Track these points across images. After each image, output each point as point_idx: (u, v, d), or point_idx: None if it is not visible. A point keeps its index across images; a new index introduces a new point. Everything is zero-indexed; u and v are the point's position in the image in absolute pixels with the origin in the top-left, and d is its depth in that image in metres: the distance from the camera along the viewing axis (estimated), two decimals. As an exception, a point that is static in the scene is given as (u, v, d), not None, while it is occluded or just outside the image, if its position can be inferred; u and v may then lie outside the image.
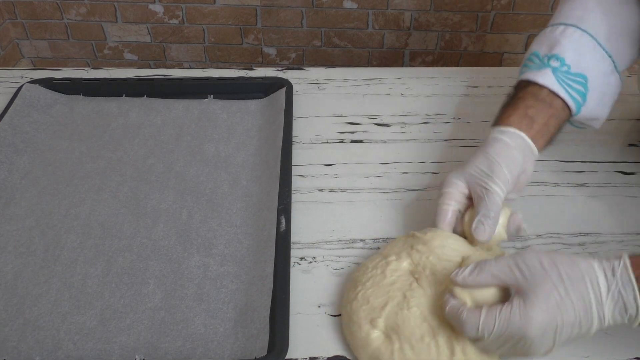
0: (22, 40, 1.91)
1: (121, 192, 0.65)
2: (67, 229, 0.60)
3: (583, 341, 0.44)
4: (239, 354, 0.49)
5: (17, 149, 0.69)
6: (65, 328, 0.51)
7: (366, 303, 0.49)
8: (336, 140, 0.74)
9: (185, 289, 0.54)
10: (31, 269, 0.56)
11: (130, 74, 0.85)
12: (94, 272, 0.56)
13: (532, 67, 0.58)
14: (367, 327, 0.48)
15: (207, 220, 0.61)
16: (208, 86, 0.80)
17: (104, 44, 1.90)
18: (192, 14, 1.80)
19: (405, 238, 0.55)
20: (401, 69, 0.89)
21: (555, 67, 0.56)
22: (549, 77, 0.56)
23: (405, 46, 1.84)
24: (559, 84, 0.56)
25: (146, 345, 0.50)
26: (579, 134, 0.75)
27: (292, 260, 0.57)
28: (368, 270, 0.52)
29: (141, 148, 0.71)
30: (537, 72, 0.57)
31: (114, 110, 0.77)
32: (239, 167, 0.68)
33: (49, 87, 0.78)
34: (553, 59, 0.57)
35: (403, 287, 0.50)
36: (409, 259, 0.52)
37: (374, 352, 0.47)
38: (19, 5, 1.82)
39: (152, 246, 0.58)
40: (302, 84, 0.84)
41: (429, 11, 1.75)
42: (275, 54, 1.89)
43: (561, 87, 0.56)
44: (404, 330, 0.47)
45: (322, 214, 0.63)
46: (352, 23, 1.79)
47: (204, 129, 0.74)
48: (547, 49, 0.58)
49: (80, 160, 0.69)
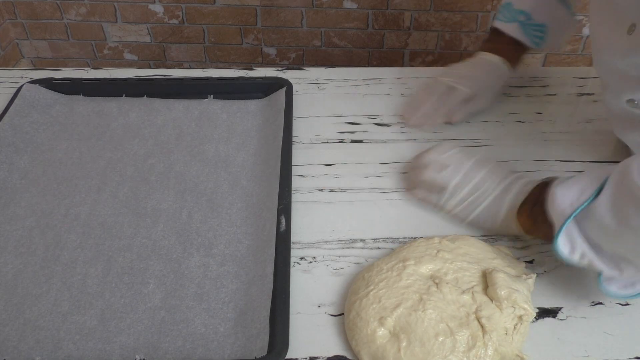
0: (22, 40, 1.91)
1: (121, 192, 0.65)
2: (67, 229, 0.60)
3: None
4: (239, 354, 0.49)
5: (17, 149, 0.69)
6: (66, 328, 0.51)
7: (377, 302, 0.49)
8: (336, 140, 0.74)
9: (185, 288, 0.54)
10: (31, 269, 0.56)
11: (130, 74, 0.85)
12: (94, 272, 0.56)
13: (503, 19, 0.77)
14: (375, 325, 0.48)
15: (207, 220, 0.61)
16: (208, 86, 0.80)
17: (104, 44, 1.90)
18: (192, 14, 1.80)
19: (428, 242, 0.55)
20: (401, 69, 0.89)
21: (522, 20, 0.75)
22: (517, 29, 0.76)
23: (405, 46, 1.84)
24: (523, 34, 0.76)
25: (146, 345, 0.50)
26: (579, 134, 0.75)
27: (292, 260, 0.57)
28: (383, 271, 0.52)
29: (141, 148, 0.71)
30: (508, 25, 0.76)
31: (114, 110, 0.77)
32: (239, 167, 0.68)
33: (49, 87, 0.78)
34: (520, 14, 0.75)
35: (420, 290, 0.50)
36: (430, 265, 0.52)
37: (378, 349, 0.47)
38: (19, 5, 1.81)
39: (152, 246, 0.58)
40: (302, 84, 0.84)
41: (429, 11, 1.75)
42: (275, 54, 1.89)
43: (525, 36, 0.76)
44: (415, 329, 0.47)
45: (322, 214, 0.63)
46: (352, 23, 1.79)
47: (204, 129, 0.74)
48: (518, 3, 0.76)
49: (80, 160, 0.69)
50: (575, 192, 0.49)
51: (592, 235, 0.48)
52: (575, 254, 0.48)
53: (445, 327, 0.47)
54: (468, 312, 0.48)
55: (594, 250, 0.48)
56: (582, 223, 0.48)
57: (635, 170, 0.43)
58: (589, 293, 0.55)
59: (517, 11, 0.75)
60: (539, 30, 0.76)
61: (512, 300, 0.48)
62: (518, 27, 0.76)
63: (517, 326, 0.48)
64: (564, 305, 0.53)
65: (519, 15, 0.75)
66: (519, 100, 0.82)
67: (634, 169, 0.43)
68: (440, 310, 0.48)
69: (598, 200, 0.46)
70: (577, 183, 0.49)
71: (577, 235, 0.48)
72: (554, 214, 0.50)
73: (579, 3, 0.79)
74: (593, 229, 0.48)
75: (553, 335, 0.51)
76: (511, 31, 0.76)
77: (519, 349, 0.48)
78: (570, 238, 0.48)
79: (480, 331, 0.47)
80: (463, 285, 0.50)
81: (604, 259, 0.48)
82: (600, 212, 0.46)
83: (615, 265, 0.48)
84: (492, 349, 0.47)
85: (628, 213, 0.44)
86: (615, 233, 0.46)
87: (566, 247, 0.49)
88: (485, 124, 0.77)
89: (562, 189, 0.50)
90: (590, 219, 0.47)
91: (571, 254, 0.49)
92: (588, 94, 0.83)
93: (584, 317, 0.53)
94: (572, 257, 0.49)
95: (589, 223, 0.48)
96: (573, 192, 0.49)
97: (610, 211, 0.45)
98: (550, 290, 0.55)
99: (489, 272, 0.51)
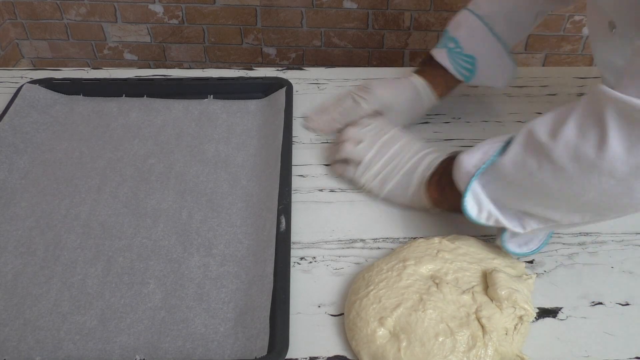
0: (22, 40, 1.91)
1: (121, 192, 0.65)
2: (67, 229, 0.60)
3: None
4: (239, 354, 0.49)
5: (17, 149, 0.69)
6: (66, 328, 0.51)
7: (377, 302, 0.49)
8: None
9: (185, 288, 0.54)
10: (31, 269, 0.56)
11: (130, 74, 0.85)
12: (94, 272, 0.56)
13: (438, 45, 0.74)
14: (375, 325, 0.48)
15: (207, 220, 0.61)
16: (208, 86, 0.80)
17: (104, 44, 1.90)
18: (192, 14, 1.80)
19: (428, 242, 0.55)
20: (401, 69, 0.89)
21: (451, 47, 0.72)
22: (443, 55, 0.72)
23: (405, 46, 1.84)
24: (449, 62, 0.71)
25: (146, 345, 0.50)
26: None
27: (292, 260, 0.57)
28: (383, 271, 0.52)
29: (141, 148, 0.71)
30: (438, 51, 0.73)
31: (114, 111, 0.77)
32: (239, 167, 0.68)
33: (49, 87, 0.78)
34: (451, 41, 0.72)
35: (420, 290, 0.50)
36: (430, 265, 0.52)
37: (378, 349, 0.47)
38: (19, 5, 1.81)
39: (152, 246, 0.58)
40: (302, 84, 0.84)
41: (429, 11, 1.75)
42: (275, 54, 1.89)
43: (450, 64, 0.71)
44: (415, 329, 0.47)
45: (322, 214, 0.63)
46: (352, 23, 1.79)
47: (204, 129, 0.74)
48: (452, 30, 0.73)
49: (80, 161, 0.69)
50: (478, 154, 0.52)
51: (497, 193, 0.51)
52: (483, 213, 0.51)
53: (446, 327, 0.47)
54: (468, 312, 0.48)
55: (500, 209, 0.51)
56: (487, 184, 0.51)
57: (540, 129, 0.46)
58: (589, 293, 0.55)
59: (449, 38, 0.72)
60: (467, 62, 0.71)
61: (513, 301, 0.48)
62: (446, 53, 0.72)
63: (518, 326, 0.48)
64: (564, 305, 0.53)
65: (449, 42, 0.72)
66: (519, 100, 0.82)
67: (539, 128, 0.46)
68: (441, 310, 0.48)
69: (502, 159, 0.49)
70: (480, 147, 0.52)
71: (483, 196, 0.51)
72: (459, 178, 0.53)
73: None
74: (498, 187, 0.51)
75: (553, 335, 0.51)
76: (439, 57, 0.72)
77: (519, 349, 0.48)
78: (477, 199, 0.51)
79: (481, 331, 0.47)
80: (463, 286, 0.50)
81: (507, 216, 0.51)
82: (504, 169, 0.49)
83: (520, 222, 0.51)
84: (492, 349, 0.47)
85: (531, 168, 0.47)
86: (518, 188, 0.49)
87: (474, 209, 0.52)
88: (485, 123, 0.77)
89: (466, 154, 0.52)
90: (495, 178, 0.50)
91: (479, 215, 0.52)
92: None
93: (584, 317, 0.53)
94: (480, 217, 0.52)
95: (494, 182, 0.51)
96: (477, 155, 0.52)
97: (514, 167, 0.48)
98: (550, 290, 0.55)
99: (489, 272, 0.51)
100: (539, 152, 0.46)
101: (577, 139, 0.43)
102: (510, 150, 0.49)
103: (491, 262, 0.53)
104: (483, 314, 0.48)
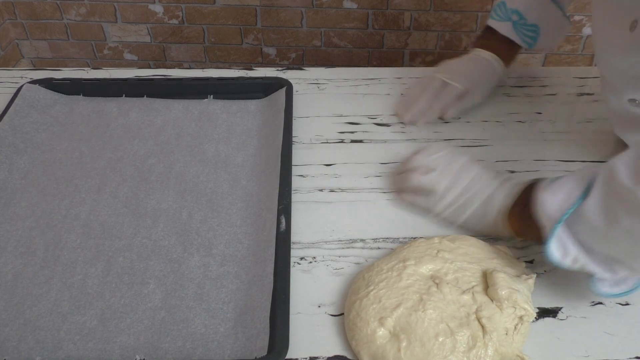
0: (22, 40, 1.91)
1: (121, 192, 0.65)
2: (67, 229, 0.60)
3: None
4: (239, 354, 0.49)
5: (17, 149, 0.69)
6: (66, 328, 0.51)
7: (377, 302, 0.49)
8: (336, 140, 0.74)
9: (185, 289, 0.54)
10: (31, 269, 0.56)
11: (130, 74, 0.85)
12: (94, 272, 0.56)
13: (496, 17, 0.78)
14: (375, 325, 0.48)
15: (207, 220, 0.61)
16: (208, 86, 0.80)
17: (104, 44, 1.90)
18: (192, 14, 1.80)
19: (428, 242, 0.55)
20: (401, 69, 0.89)
21: (515, 20, 0.76)
22: (509, 29, 0.77)
23: (405, 46, 1.84)
24: (515, 33, 0.77)
25: (146, 345, 0.50)
26: (579, 134, 0.75)
27: (292, 260, 0.57)
28: (383, 271, 0.52)
29: (141, 148, 0.71)
30: (501, 24, 0.77)
31: (114, 111, 0.77)
32: (239, 167, 0.68)
33: (49, 88, 0.78)
34: (514, 14, 0.76)
35: (420, 290, 0.50)
36: (430, 265, 0.52)
37: (378, 350, 0.47)
38: (19, 5, 1.81)
39: (152, 246, 0.58)
40: (302, 84, 0.84)
41: (429, 11, 1.75)
42: (275, 54, 1.89)
43: (517, 36, 0.77)
44: (415, 329, 0.47)
45: (322, 214, 0.63)
46: (352, 23, 1.79)
47: (204, 129, 0.74)
48: (510, 1, 0.76)
49: (80, 161, 0.69)
50: (561, 195, 0.48)
51: (583, 238, 0.47)
52: (568, 258, 0.48)
53: (446, 327, 0.47)
54: (468, 312, 0.48)
55: (587, 253, 0.47)
56: (572, 227, 0.48)
57: (622, 171, 0.43)
58: (589, 293, 0.54)
59: (511, 10, 0.76)
60: (532, 30, 0.76)
61: (513, 301, 0.48)
62: (511, 26, 0.76)
63: (518, 326, 0.48)
64: (564, 305, 0.53)
65: (512, 15, 0.76)
66: (519, 100, 0.82)
67: (620, 170, 0.43)
68: (441, 310, 0.48)
69: (587, 203, 0.46)
70: (563, 186, 0.49)
71: (568, 240, 0.48)
72: (542, 219, 0.50)
73: (573, 4, 0.80)
74: (584, 231, 0.47)
75: (553, 335, 0.51)
76: (504, 30, 0.77)
77: (520, 349, 0.48)
78: (562, 243, 0.48)
79: (481, 331, 0.47)
80: (463, 285, 0.50)
81: (596, 261, 0.47)
82: (589, 214, 0.46)
83: (608, 267, 0.47)
84: (493, 349, 0.47)
85: (618, 214, 0.44)
86: (606, 234, 0.45)
87: (558, 252, 0.48)
88: (485, 123, 0.77)
89: (548, 193, 0.49)
90: (580, 222, 0.47)
91: (563, 259, 0.48)
92: (588, 94, 0.83)
93: (584, 317, 0.53)
94: (564, 261, 0.48)
95: (579, 226, 0.47)
96: (559, 196, 0.48)
97: (600, 213, 0.45)
98: (550, 290, 0.55)
99: (489, 272, 0.51)
100: (624, 198, 0.43)
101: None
102: (594, 193, 0.46)
103: (491, 262, 0.53)
104: (483, 314, 0.48)
